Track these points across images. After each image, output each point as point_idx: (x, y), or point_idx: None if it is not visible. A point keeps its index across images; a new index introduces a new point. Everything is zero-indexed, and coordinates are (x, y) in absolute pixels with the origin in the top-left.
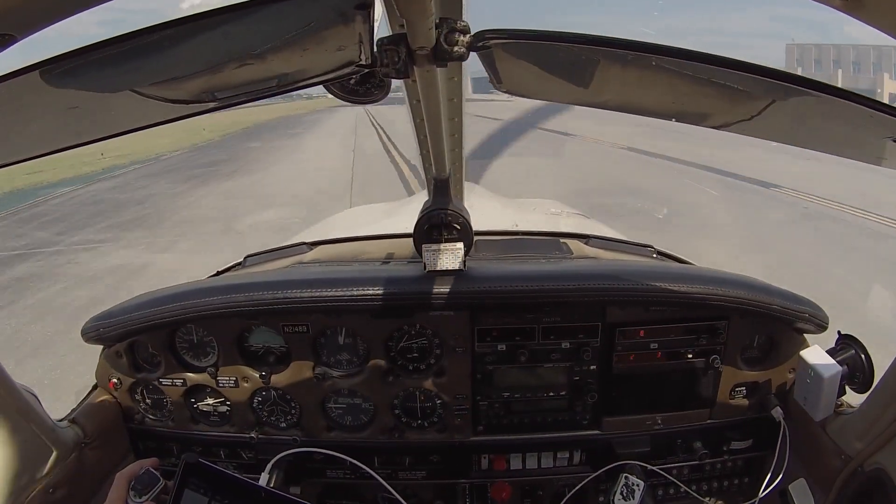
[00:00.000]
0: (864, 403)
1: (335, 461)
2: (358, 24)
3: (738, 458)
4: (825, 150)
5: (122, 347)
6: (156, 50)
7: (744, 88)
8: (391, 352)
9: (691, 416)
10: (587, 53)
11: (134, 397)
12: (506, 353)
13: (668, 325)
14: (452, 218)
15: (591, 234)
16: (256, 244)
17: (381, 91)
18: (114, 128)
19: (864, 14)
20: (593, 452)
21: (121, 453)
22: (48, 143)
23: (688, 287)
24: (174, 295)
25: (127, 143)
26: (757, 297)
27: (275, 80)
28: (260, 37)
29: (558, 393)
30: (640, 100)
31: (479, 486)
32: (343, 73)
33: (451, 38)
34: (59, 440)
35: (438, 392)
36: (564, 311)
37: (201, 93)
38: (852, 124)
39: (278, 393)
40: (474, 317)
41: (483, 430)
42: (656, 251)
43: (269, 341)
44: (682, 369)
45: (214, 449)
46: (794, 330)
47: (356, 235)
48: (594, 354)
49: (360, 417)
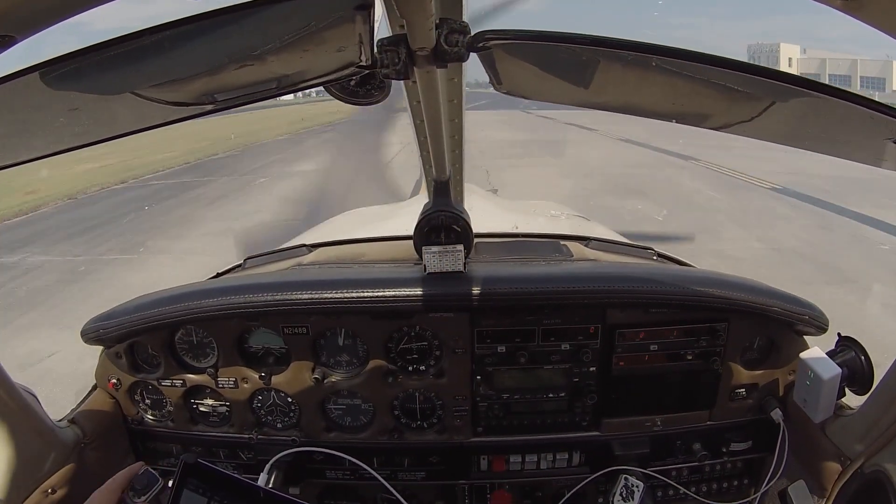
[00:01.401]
0: (864, 405)
1: (335, 461)
2: (358, 25)
3: (737, 459)
4: (825, 152)
5: (122, 348)
6: (156, 51)
7: (744, 89)
8: (391, 353)
9: (691, 417)
10: (587, 54)
11: (134, 398)
12: (505, 354)
13: (668, 326)
14: (452, 220)
15: (592, 236)
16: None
17: (382, 92)
18: (114, 130)
19: (864, 14)
20: (592, 454)
21: (120, 453)
22: (49, 145)
23: (688, 289)
24: (174, 296)
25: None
26: (757, 299)
27: (275, 82)
28: (260, 38)
29: (558, 394)
30: (640, 101)
31: (479, 487)
32: (343, 75)
33: (452, 38)
34: (58, 440)
35: (438, 393)
36: (564, 313)
37: (201, 94)
38: (852, 126)
39: (278, 394)
40: (474, 318)
41: (483, 432)
42: (656, 253)
43: (269, 342)
44: (681, 371)
45: (214, 449)
46: (793, 332)
47: (356, 237)
48: (594, 356)
49: (359, 418)
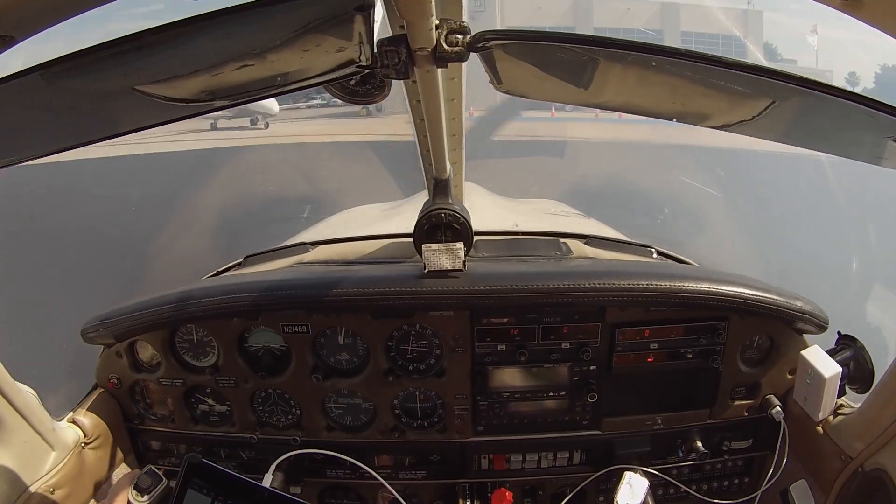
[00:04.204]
0: (864, 404)
1: (335, 461)
2: (358, 25)
3: (737, 458)
4: (826, 150)
5: (123, 348)
6: (157, 51)
7: (745, 89)
8: (391, 352)
9: (691, 416)
10: (587, 54)
11: (134, 397)
12: (506, 353)
13: (668, 325)
14: (452, 218)
15: (591, 234)
16: None
17: (381, 92)
18: (115, 128)
19: (864, 14)
20: (593, 452)
21: (121, 453)
22: (50, 144)
23: (688, 287)
24: (174, 295)
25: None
26: (757, 297)
27: (275, 81)
28: (261, 38)
29: (558, 393)
30: (639, 100)
31: (480, 486)
32: (343, 74)
33: (452, 38)
34: (59, 440)
35: (438, 392)
36: (564, 312)
37: (202, 93)
38: (853, 124)
39: (278, 393)
40: (474, 317)
41: (483, 430)
42: (656, 251)
43: (270, 341)
44: (681, 369)
45: (215, 449)
46: (793, 330)
47: (356, 235)
48: (594, 354)
49: (360, 417)
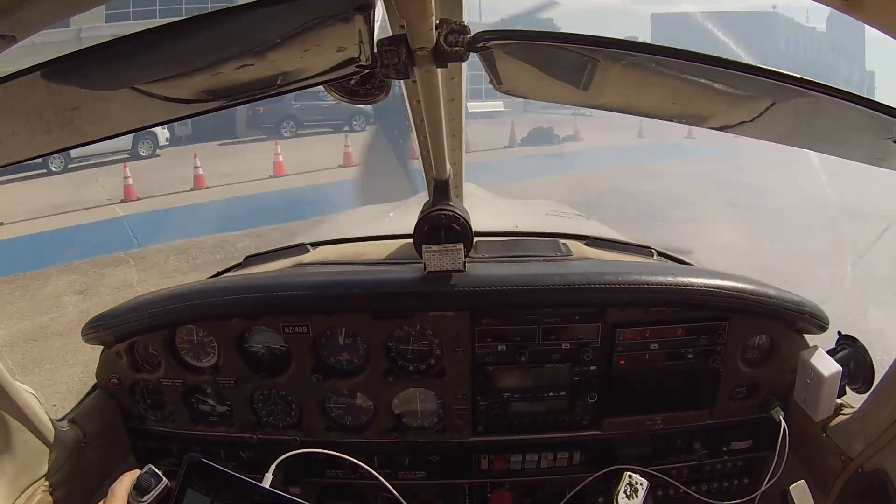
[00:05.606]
0: (865, 404)
1: (335, 461)
2: (358, 25)
3: (738, 458)
4: (825, 151)
5: (123, 348)
6: (158, 51)
7: (744, 90)
8: (391, 352)
9: (691, 416)
10: (587, 54)
11: (134, 397)
12: (506, 353)
13: (668, 325)
14: (452, 218)
15: (591, 234)
16: None
17: (382, 92)
18: (115, 128)
19: (864, 14)
20: (593, 453)
21: (121, 453)
22: (50, 144)
23: (688, 287)
24: (174, 295)
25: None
26: (757, 297)
27: (275, 81)
28: (261, 37)
29: (558, 393)
30: (639, 101)
31: (479, 487)
32: (343, 74)
33: (452, 38)
34: (59, 440)
35: (438, 392)
36: (564, 312)
37: (202, 93)
38: (853, 125)
39: (278, 393)
40: (474, 317)
41: (483, 431)
42: (656, 252)
43: (270, 342)
44: (682, 370)
45: (214, 449)
46: (794, 330)
47: (356, 236)
48: (594, 355)
49: (360, 418)
